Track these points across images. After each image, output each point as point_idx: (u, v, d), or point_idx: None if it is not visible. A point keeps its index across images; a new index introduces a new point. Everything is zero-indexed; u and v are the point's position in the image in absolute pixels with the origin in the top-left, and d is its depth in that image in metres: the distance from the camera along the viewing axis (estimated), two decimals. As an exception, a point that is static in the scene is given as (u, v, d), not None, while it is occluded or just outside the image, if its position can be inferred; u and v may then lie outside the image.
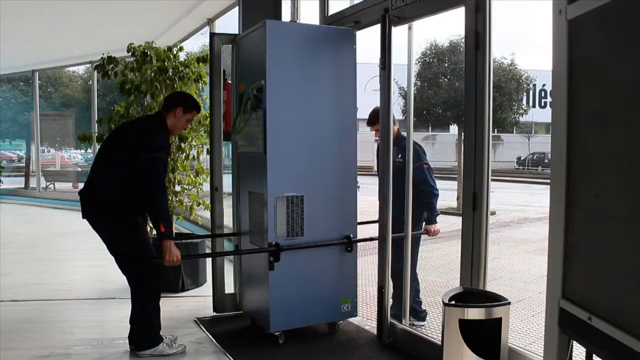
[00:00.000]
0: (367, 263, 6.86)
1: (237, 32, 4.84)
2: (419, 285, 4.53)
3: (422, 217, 4.35)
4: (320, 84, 3.78)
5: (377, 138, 4.06)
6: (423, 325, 4.40)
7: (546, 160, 26.65)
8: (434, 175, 4.40)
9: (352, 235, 3.88)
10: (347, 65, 3.86)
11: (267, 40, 3.57)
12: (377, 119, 4.10)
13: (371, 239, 4.04)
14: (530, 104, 29.90)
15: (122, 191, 3.36)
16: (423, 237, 4.57)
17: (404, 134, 4.44)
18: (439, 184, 4.49)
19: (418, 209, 4.15)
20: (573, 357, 2.07)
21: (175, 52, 5.22)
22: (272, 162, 3.62)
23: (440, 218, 4.59)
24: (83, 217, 3.42)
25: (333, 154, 3.82)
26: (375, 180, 4.05)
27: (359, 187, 3.99)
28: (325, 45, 3.80)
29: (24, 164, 18.33)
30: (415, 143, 4.16)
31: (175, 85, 5.07)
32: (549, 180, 2.09)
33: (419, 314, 4.41)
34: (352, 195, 3.91)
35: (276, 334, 3.72)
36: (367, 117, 4.29)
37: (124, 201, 3.36)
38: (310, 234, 3.74)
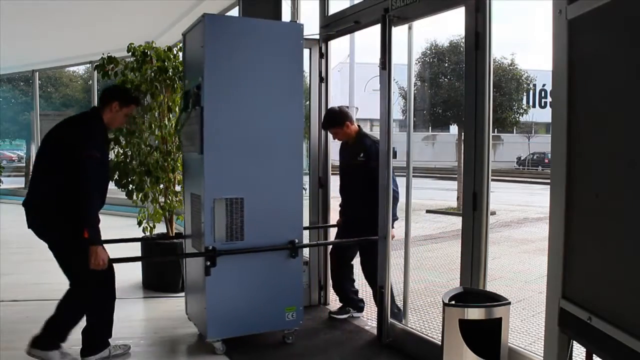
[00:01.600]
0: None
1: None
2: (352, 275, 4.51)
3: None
4: (264, 82, 3.57)
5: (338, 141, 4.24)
6: (360, 316, 4.42)
7: (546, 160, 26.66)
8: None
9: (297, 241, 3.68)
10: (293, 62, 3.65)
11: (206, 35, 3.41)
12: (333, 121, 4.22)
13: (317, 244, 3.92)
14: (531, 103, 29.91)
15: (65, 196, 3.16)
16: (422, 237, 4.53)
17: (366, 131, 4.43)
18: (439, 184, 4.48)
19: (374, 212, 4.00)
20: (573, 357, 2.07)
21: (175, 52, 5.21)
22: (209, 163, 3.45)
23: (432, 217, 4.55)
24: (28, 227, 3.26)
25: (277, 155, 3.63)
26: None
27: (305, 189, 3.83)
28: (270, 40, 3.59)
29: (24, 164, 18.35)
30: (374, 140, 4.16)
31: (175, 85, 5.07)
32: (549, 180, 2.09)
33: (357, 304, 4.43)
34: (297, 199, 3.69)
35: (215, 343, 3.57)
36: (368, 116, 4.31)
37: (68, 207, 3.15)
38: (251, 238, 3.55)
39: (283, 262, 3.67)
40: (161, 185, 5.14)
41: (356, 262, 4.47)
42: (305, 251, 4.92)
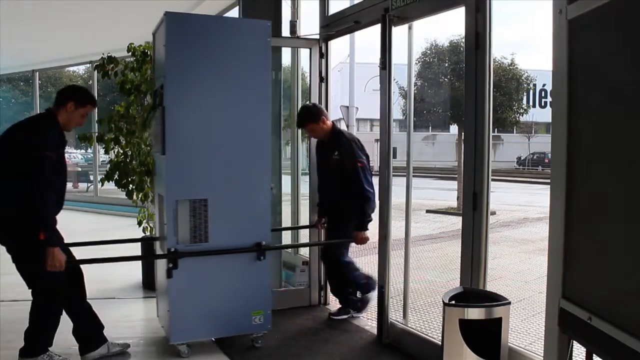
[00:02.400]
0: (367, 263, 6.86)
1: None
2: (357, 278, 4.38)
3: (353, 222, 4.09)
4: (229, 81, 3.49)
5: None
6: (360, 316, 4.36)
7: (546, 160, 26.65)
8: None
9: (263, 243, 3.59)
10: (260, 60, 3.55)
11: (167, 34, 3.34)
12: (308, 118, 4.10)
13: (286, 247, 3.86)
14: (531, 103, 29.90)
15: (23, 200, 3.06)
16: (422, 237, 4.52)
17: (342, 129, 4.39)
18: (440, 184, 4.46)
19: (350, 212, 4.06)
20: (573, 357, 2.07)
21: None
22: (171, 164, 3.40)
23: (432, 217, 4.53)
24: None
25: (243, 156, 3.54)
26: (376, 180, 4.03)
27: (272, 189, 3.75)
28: (236, 38, 3.50)
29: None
30: (350, 138, 4.12)
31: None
32: (549, 180, 2.09)
33: (356, 304, 4.37)
34: (263, 200, 3.61)
35: (179, 346, 3.52)
36: (368, 116, 4.32)
37: (26, 210, 3.06)
38: (216, 240, 3.47)
39: (249, 265, 3.57)
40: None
41: (357, 262, 4.47)
42: (305, 251, 4.92)
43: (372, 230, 4.00)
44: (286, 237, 5.13)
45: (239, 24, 3.61)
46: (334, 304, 4.76)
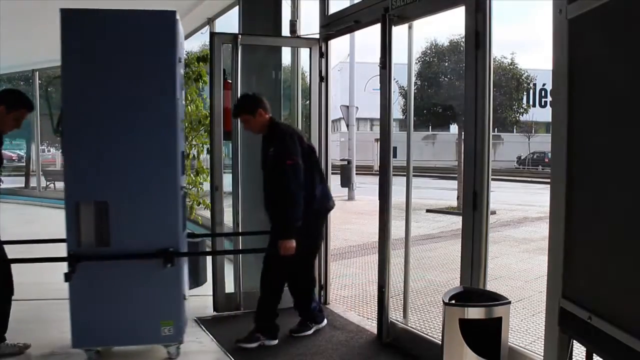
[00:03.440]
0: (366, 263, 6.87)
1: (237, 32, 4.85)
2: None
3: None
4: (130, 77, 3.30)
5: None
6: (323, 326, 4.07)
7: (546, 160, 26.64)
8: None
9: (172, 249, 3.34)
10: (164, 54, 3.33)
11: (61, 31, 3.20)
12: (242, 108, 3.71)
13: (195, 254, 3.54)
14: (531, 103, 29.89)
15: None
16: (422, 237, 4.50)
17: (282, 122, 4.03)
18: (440, 184, 4.40)
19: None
20: (573, 357, 2.07)
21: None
22: (70, 164, 3.30)
23: (432, 217, 4.45)
24: None
25: (147, 155, 3.33)
26: (376, 180, 4.02)
27: (186, 191, 3.48)
28: (136, 32, 3.31)
29: (24, 164, 18.33)
30: (285, 131, 3.66)
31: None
32: (549, 180, 2.09)
33: (317, 316, 4.07)
34: (172, 203, 3.37)
35: (87, 352, 3.37)
36: (368, 116, 4.29)
37: None
38: (119, 245, 3.28)
39: (156, 272, 3.32)
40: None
41: (357, 262, 4.47)
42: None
43: (371, 230, 3.99)
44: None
45: (139, 16, 3.35)
46: (334, 303, 4.77)
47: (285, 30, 4.90)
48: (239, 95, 4.33)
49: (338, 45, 28.54)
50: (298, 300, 4.03)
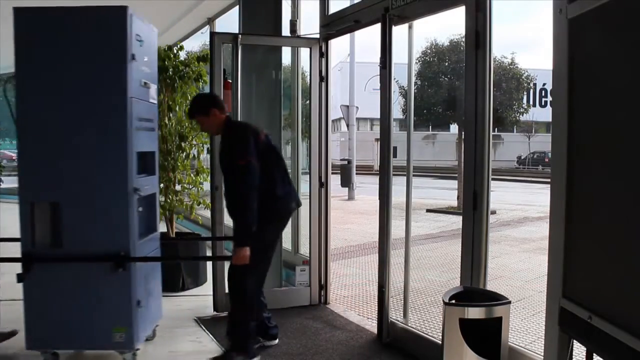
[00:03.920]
0: (366, 262, 6.87)
1: (237, 31, 4.85)
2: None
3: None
4: (82, 77, 3.23)
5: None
6: (274, 344, 3.75)
7: (546, 160, 26.63)
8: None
9: (123, 253, 3.24)
10: (114, 52, 3.22)
11: (14, 30, 3.17)
12: (195, 108, 3.50)
13: (146, 259, 3.44)
14: (531, 103, 29.90)
15: None
16: (422, 237, 4.48)
17: (239, 120, 3.87)
18: (440, 183, 4.38)
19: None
20: (573, 356, 2.07)
21: (175, 51, 5.22)
22: (23, 164, 3.27)
23: (433, 216, 4.41)
24: None
25: (98, 155, 3.25)
26: (376, 179, 4.02)
27: (139, 194, 3.35)
28: (87, 30, 3.24)
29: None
30: (240, 130, 3.46)
31: (176, 85, 5.07)
32: (549, 180, 2.09)
33: (270, 331, 3.75)
34: (122, 206, 3.25)
35: (43, 354, 3.31)
36: (368, 115, 4.28)
37: None
38: (72, 246, 3.23)
39: (108, 277, 3.24)
40: (161, 185, 5.14)
41: (357, 262, 4.47)
42: (306, 251, 4.93)
43: (371, 230, 3.99)
44: (286, 238, 5.13)
45: (88, 13, 3.25)
46: (334, 303, 4.77)
47: (285, 30, 4.90)
48: (239, 95, 4.34)
49: (338, 45, 28.57)
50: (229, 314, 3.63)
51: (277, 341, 3.75)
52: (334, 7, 4.59)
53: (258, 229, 3.28)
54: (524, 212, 12.56)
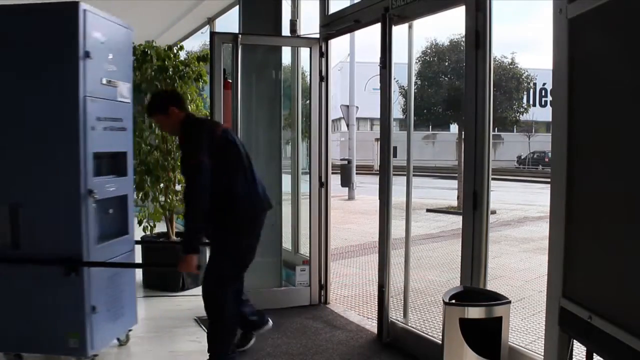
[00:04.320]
0: (366, 262, 6.87)
1: (237, 31, 4.85)
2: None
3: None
4: (32, 77, 3.13)
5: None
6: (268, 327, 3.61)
7: (547, 159, 26.61)
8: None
9: (74, 257, 3.14)
10: (65, 49, 3.10)
11: None
12: (152, 107, 3.30)
13: (103, 264, 3.30)
14: (531, 102, 29.88)
15: None
16: (422, 236, 4.47)
17: (198, 118, 3.68)
18: (440, 183, 4.36)
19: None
20: (573, 356, 2.07)
21: (175, 51, 5.22)
22: None
23: (433, 216, 4.40)
24: None
25: (48, 159, 3.16)
26: (376, 179, 4.01)
27: (94, 197, 3.21)
28: (37, 27, 3.13)
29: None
30: (196, 128, 3.18)
31: (176, 85, 5.07)
32: (549, 180, 2.09)
33: (258, 322, 3.56)
34: (74, 209, 3.14)
35: (5, 355, 3.27)
36: (368, 115, 4.27)
37: None
38: (28, 248, 3.16)
39: (59, 281, 3.14)
40: (161, 185, 5.15)
41: (357, 262, 4.47)
42: (306, 251, 4.93)
43: (371, 229, 3.99)
44: (286, 238, 5.14)
45: (38, 10, 3.12)
46: (334, 303, 4.77)
47: (285, 30, 4.90)
48: (239, 95, 4.34)
49: (338, 45, 28.56)
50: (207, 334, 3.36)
51: (270, 323, 3.59)
52: (334, 7, 4.59)
53: (221, 234, 3.11)
54: (524, 212, 12.56)
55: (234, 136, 3.24)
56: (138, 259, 4.49)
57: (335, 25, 4.45)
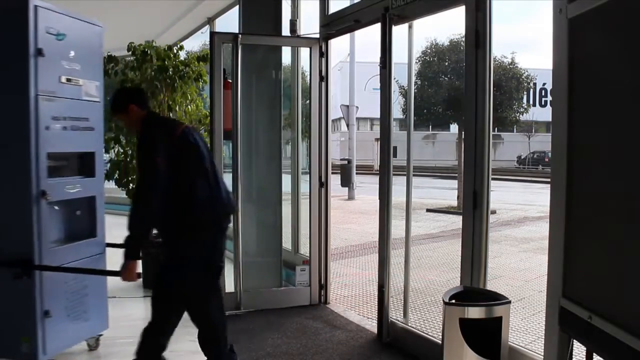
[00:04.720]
0: (366, 262, 6.87)
1: (237, 31, 4.85)
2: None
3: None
4: None
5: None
6: None
7: (546, 159, 26.62)
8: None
9: (25, 260, 3.03)
10: (17, 46, 2.97)
11: None
12: (113, 106, 3.09)
13: (56, 269, 3.13)
14: (531, 102, 29.88)
15: None
16: (422, 236, 4.47)
17: (160, 117, 3.57)
18: (440, 183, 4.36)
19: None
20: (573, 356, 2.07)
21: (175, 51, 5.22)
22: None
23: (433, 216, 4.40)
24: None
25: (1, 158, 3.07)
26: (376, 179, 4.01)
27: (47, 198, 3.09)
28: None
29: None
30: (153, 127, 2.97)
31: (176, 84, 5.07)
32: (549, 179, 2.09)
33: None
34: (25, 210, 3.02)
35: None
36: (368, 115, 4.26)
37: None
38: None
39: (8, 284, 3.03)
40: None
41: (357, 262, 4.47)
42: (306, 250, 4.93)
43: (371, 229, 3.98)
44: (286, 238, 5.13)
45: None
46: (334, 303, 4.77)
47: (285, 30, 4.90)
48: (239, 95, 4.34)
49: (338, 45, 28.56)
50: (204, 351, 3.21)
51: None
52: (334, 7, 4.59)
53: (176, 242, 2.91)
54: (524, 212, 12.56)
55: (197, 137, 3.03)
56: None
57: (335, 25, 4.45)
